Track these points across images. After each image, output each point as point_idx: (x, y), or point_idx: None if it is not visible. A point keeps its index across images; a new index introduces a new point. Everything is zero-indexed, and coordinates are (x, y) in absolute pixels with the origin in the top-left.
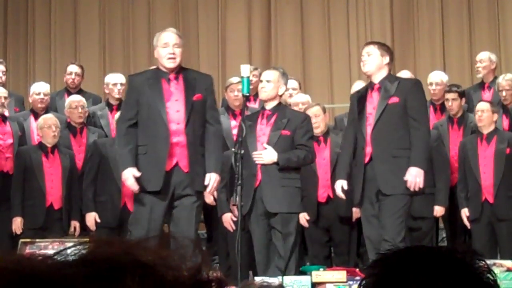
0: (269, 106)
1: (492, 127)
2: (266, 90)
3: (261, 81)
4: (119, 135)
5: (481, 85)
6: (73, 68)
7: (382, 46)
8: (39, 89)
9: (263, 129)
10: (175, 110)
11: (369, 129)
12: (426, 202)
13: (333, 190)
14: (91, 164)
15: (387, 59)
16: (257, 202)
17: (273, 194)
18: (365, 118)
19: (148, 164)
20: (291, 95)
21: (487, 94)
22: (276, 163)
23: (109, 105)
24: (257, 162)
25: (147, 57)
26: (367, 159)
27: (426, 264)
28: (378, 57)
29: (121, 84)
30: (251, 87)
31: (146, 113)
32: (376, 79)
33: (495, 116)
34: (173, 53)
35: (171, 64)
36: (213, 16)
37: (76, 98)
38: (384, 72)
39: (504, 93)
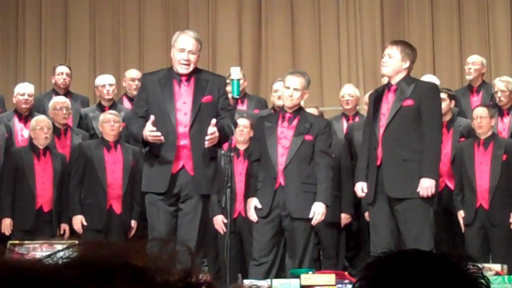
0: (290, 109)
1: (489, 133)
2: (294, 98)
3: (288, 88)
4: (131, 122)
5: (470, 89)
6: (63, 69)
7: (405, 49)
8: (23, 90)
9: (284, 132)
10: (183, 113)
11: (381, 130)
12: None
13: None
14: (76, 167)
15: (407, 63)
16: (275, 205)
17: (296, 199)
18: (379, 119)
19: (155, 166)
20: (280, 97)
21: (476, 98)
22: (327, 205)
23: (100, 107)
24: (317, 222)
25: (137, 58)
26: (379, 161)
27: (420, 268)
28: (398, 61)
29: (110, 85)
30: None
31: (155, 113)
32: (394, 80)
33: (493, 121)
34: (187, 60)
35: (183, 70)
36: (203, 19)
37: (60, 99)
38: (401, 75)
39: (499, 94)
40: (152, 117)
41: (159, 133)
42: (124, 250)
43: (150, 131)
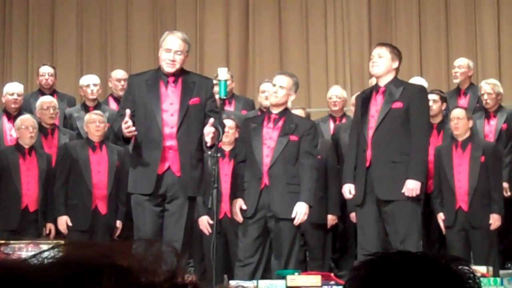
0: (276, 110)
1: (467, 134)
2: (278, 96)
3: (274, 85)
4: (114, 122)
5: (457, 91)
6: (45, 69)
7: (394, 49)
8: (13, 90)
9: (270, 132)
10: (170, 113)
11: (370, 132)
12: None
13: None
14: (61, 167)
15: (396, 64)
16: (261, 206)
17: (281, 199)
18: (367, 121)
19: (141, 167)
20: (267, 98)
21: (463, 101)
22: (310, 205)
23: (85, 107)
24: (299, 222)
25: (124, 58)
26: (367, 162)
27: (413, 269)
28: (388, 60)
29: (94, 85)
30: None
31: (142, 114)
32: (382, 82)
33: (470, 123)
34: (173, 60)
35: (168, 69)
36: (191, 19)
37: (47, 99)
38: (390, 76)
39: (485, 97)
40: (127, 111)
41: (130, 123)
42: (109, 251)
43: (123, 123)
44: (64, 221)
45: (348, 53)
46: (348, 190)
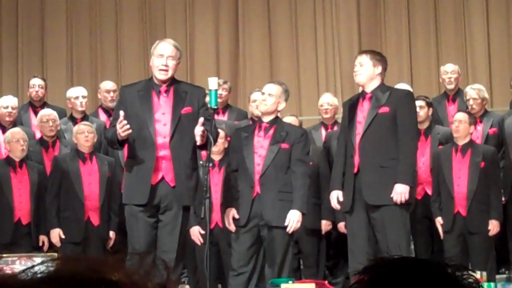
0: (267, 119)
1: (467, 139)
2: (267, 104)
3: (263, 93)
4: (106, 131)
5: (446, 97)
6: (35, 81)
7: (375, 55)
8: (7, 103)
9: (261, 141)
10: (162, 123)
11: (357, 138)
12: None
13: None
14: (52, 180)
15: (379, 69)
16: (253, 215)
17: (273, 207)
18: (355, 127)
19: (134, 177)
20: (257, 107)
21: (452, 107)
22: (303, 213)
23: (72, 119)
24: (293, 230)
25: (114, 70)
26: (355, 168)
27: (416, 277)
28: (370, 67)
29: (83, 97)
30: (219, 100)
31: (134, 125)
32: (368, 88)
33: (471, 128)
34: (166, 65)
35: (161, 76)
36: (181, 29)
37: (47, 112)
38: (376, 82)
39: (471, 102)
40: (121, 113)
41: (125, 122)
42: (99, 265)
43: (118, 123)
44: (56, 234)
45: (339, 60)
46: (336, 197)
